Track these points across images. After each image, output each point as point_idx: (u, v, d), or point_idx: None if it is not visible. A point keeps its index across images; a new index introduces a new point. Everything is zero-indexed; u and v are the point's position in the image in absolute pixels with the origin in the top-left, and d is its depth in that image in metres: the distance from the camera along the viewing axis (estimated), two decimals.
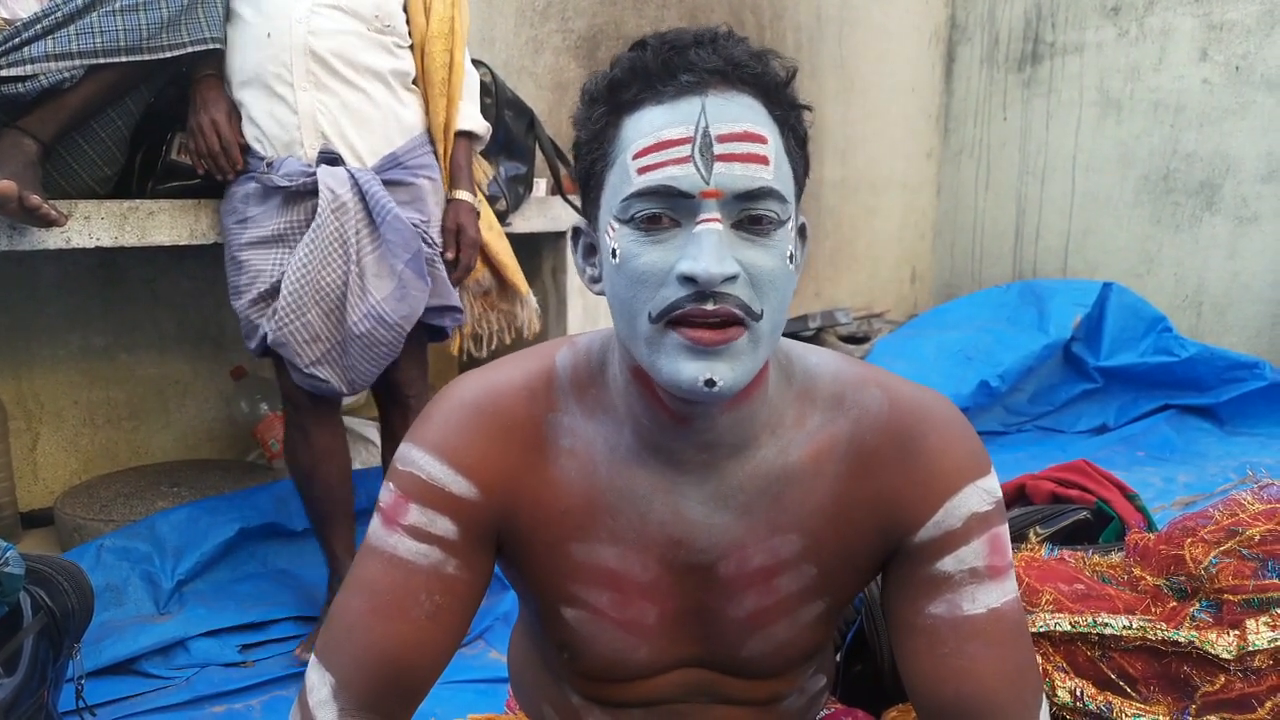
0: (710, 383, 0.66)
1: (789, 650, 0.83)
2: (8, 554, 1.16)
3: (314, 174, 1.64)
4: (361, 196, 1.65)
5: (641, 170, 0.66)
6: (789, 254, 0.69)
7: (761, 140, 0.67)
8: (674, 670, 0.84)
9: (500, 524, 0.79)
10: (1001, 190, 4.27)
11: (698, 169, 0.65)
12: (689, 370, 0.66)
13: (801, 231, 0.76)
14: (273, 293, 1.66)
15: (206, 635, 1.77)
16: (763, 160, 0.66)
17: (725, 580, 0.79)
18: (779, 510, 0.78)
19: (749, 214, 0.66)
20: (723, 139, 0.65)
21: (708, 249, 0.64)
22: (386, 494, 0.78)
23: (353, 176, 1.65)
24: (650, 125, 0.67)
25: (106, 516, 2.01)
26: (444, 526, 0.76)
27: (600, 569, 0.79)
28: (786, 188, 0.68)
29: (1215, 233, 3.58)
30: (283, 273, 1.65)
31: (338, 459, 1.80)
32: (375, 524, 0.78)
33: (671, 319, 0.66)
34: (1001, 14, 4.17)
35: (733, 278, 0.65)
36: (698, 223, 0.65)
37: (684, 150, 0.65)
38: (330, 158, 1.67)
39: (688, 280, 0.65)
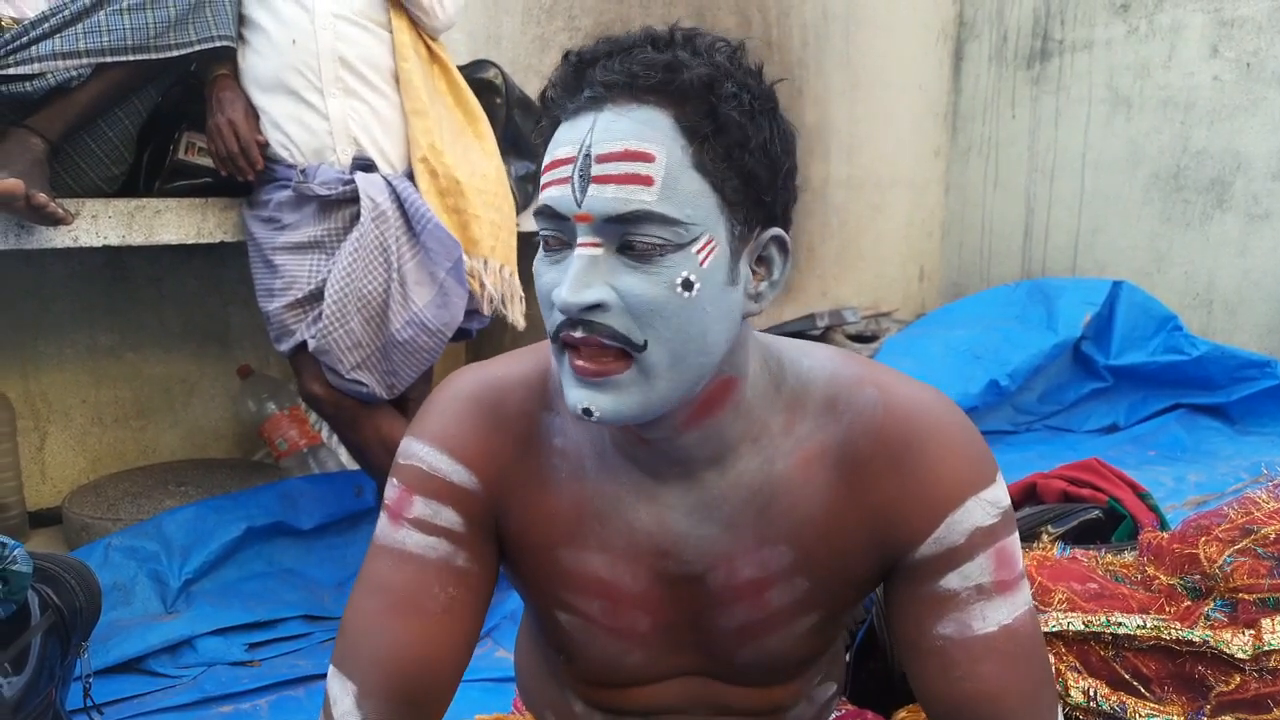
0: (588, 412, 0.65)
1: (784, 660, 0.81)
2: (15, 552, 1.16)
3: (352, 182, 1.64)
4: (399, 204, 1.66)
5: (542, 188, 0.66)
6: (681, 280, 0.63)
7: (645, 159, 0.62)
8: (672, 678, 0.83)
9: (498, 518, 0.78)
10: (1010, 188, 4.24)
11: (573, 191, 0.63)
12: (573, 397, 0.66)
13: (780, 245, 0.70)
14: (310, 299, 1.66)
15: (214, 634, 1.76)
16: (644, 180, 0.62)
17: (715, 592, 0.77)
18: (766, 522, 0.75)
19: (628, 238, 0.63)
20: (602, 159, 0.63)
21: (570, 276, 0.63)
22: (391, 489, 0.77)
23: (390, 184, 1.66)
24: (554, 143, 0.66)
25: (114, 515, 2.01)
26: (448, 518, 0.75)
27: (590, 578, 0.78)
28: (685, 209, 0.63)
29: (1226, 231, 3.55)
30: (320, 279, 1.65)
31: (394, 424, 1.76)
32: (382, 521, 0.77)
33: (562, 341, 0.66)
34: (1010, 11, 4.15)
35: (598, 306, 0.63)
36: (575, 246, 0.64)
37: (567, 171, 0.64)
38: (365, 164, 1.67)
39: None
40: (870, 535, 0.74)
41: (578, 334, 0.64)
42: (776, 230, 0.70)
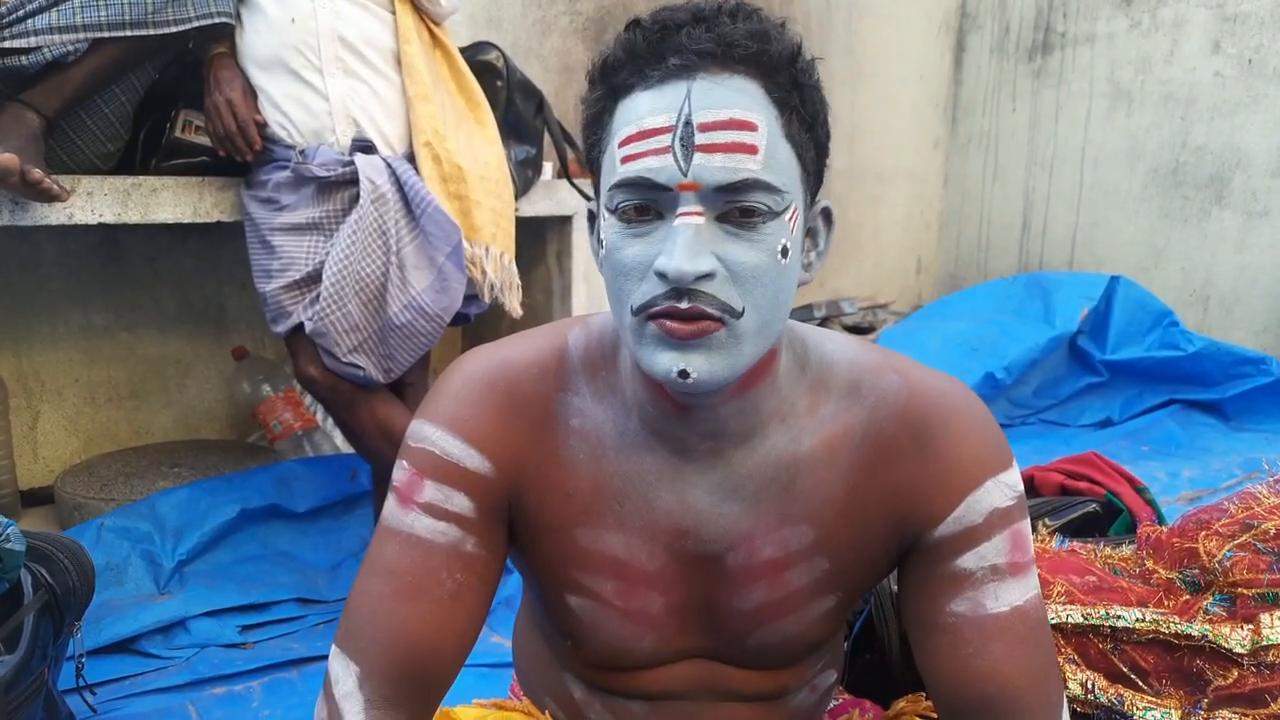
0: (684, 374, 0.64)
1: (797, 643, 0.81)
2: (8, 530, 1.15)
3: (352, 163, 1.62)
4: (399, 186, 1.64)
5: (624, 160, 0.65)
6: (780, 247, 0.65)
7: (749, 127, 0.63)
8: (679, 661, 0.83)
9: (511, 502, 0.78)
10: (1009, 181, 4.24)
11: (676, 160, 0.63)
12: (664, 361, 0.65)
13: (826, 216, 0.73)
14: (307, 280, 1.65)
15: (207, 615, 1.76)
16: (749, 149, 0.63)
17: (734, 572, 0.78)
18: (789, 500, 0.76)
19: (734, 206, 0.63)
20: (705, 128, 0.62)
21: (680, 246, 0.62)
22: (400, 472, 0.76)
23: (390, 166, 1.64)
24: (635, 112, 0.65)
25: (107, 495, 2.00)
26: (460, 503, 0.74)
27: (605, 556, 0.78)
28: (782, 176, 0.65)
29: (1224, 227, 3.56)
30: (318, 261, 1.64)
31: (394, 412, 1.75)
32: (390, 504, 0.76)
33: (650, 313, 0.65)
34: (1012, 3, 4.14)
35: (707, 275, 0.63)
36: (676, 216, 0.64)
37: (664, 140, 0.63)
38: (364, 145, 1.65)
39: (663, 277, 0.63)
40: (891, 515, 0.76)
41: (683, 305, 0.63)
42: (825, 202, 0.73)
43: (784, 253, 0.66)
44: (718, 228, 0.64)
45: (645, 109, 0.64)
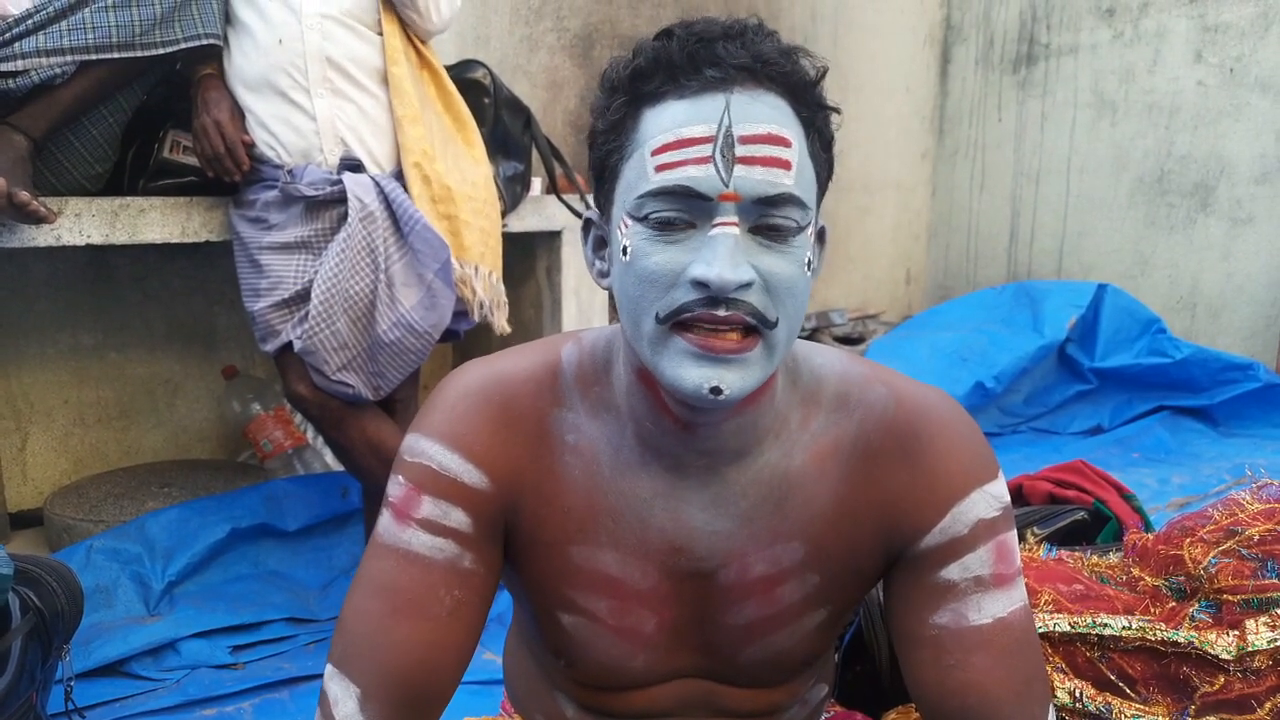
0: (716, 390, 0.64)
1: (789, 659, 0.81)
2: None
3: (340, 182, 1.63)
4: (387, 205, 1.65)
5: (660, 168, 0.64)
6: (807, 260, 0.67)
7: (785, 144, 0.64)
8: (672, 680, 0.82)
9: (507, 517, 0.77)
10: (996, 191, 4.27)
11: (717, 170, 0.63)
12: (693, 376, 0.64)
13: (820, 236, 0.73)
14: (296, 299, 1.65)
15: (197, 637, 1.75)
16: (785, 165, 0.64)
17: (726, 589, 0.77)
18: (781, 517, 0.76)
19: (768, 220, 0.64)
20: (745, 140, 0.63)
21: (722, 254, 0.62)
22: (396, 487, 0.75)
23: (378, 184, 1.65)
24: (671, 120, 0.64)
25: (96, 517, 1.99)
26: (458, 519, 0.74)
27: (599, 575, 0.77)
28: (808, 193, 0.66)
29: (1209, 234, 3.59)
30: (307, 280, 1.64)
31: (383, 428, 1.75)
32: (385, 520, 0.75)
33: (679, 321, 0.64)
34: (997, 15, 4.17)
35: (747, 285, 0.63)
36: (713, 226, 0.63)
37: (704, 150, 0.63)
38: (352, 164, 1.66)
39: (700, 285, 0.63)
40: (879, 527, 0.76)
41: (722, 312, 0.63)
42: (822, 222, 0.73)
43: (808, 266, 0.67)
44: (751, 239, 0.64)
45: (682, 117, 0.64)
